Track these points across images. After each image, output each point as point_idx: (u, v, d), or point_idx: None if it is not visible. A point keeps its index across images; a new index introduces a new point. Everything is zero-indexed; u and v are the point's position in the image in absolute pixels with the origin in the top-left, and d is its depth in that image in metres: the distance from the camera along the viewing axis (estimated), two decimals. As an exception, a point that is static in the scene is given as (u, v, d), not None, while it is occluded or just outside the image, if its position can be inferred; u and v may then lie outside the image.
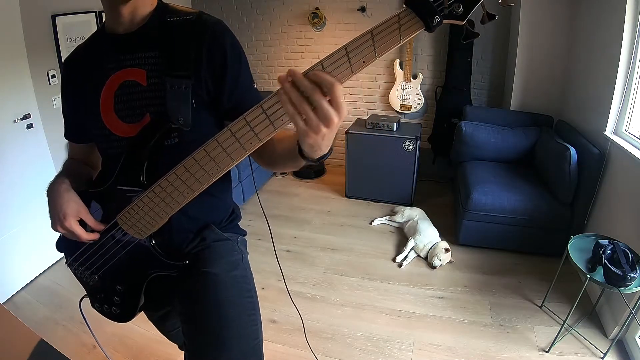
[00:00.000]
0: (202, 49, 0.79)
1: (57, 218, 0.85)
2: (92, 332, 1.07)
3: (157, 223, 0.83)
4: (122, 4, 0.78)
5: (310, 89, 0.55)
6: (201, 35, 0.80)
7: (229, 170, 0.80)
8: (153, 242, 0.87)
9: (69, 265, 0.99)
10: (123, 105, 0.83)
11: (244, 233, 1.07)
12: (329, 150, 0.66)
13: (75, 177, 0.93)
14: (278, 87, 0.60)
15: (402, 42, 0.56)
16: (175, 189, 0.75)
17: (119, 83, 0.82)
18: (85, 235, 0.85)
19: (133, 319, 1.00)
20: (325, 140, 0.60)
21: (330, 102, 0.56)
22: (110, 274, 0.93)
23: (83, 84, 0.87)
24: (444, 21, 0.54)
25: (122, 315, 0.98)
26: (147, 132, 0.81)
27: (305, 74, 0.57)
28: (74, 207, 0.85)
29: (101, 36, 0.87)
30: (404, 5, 0.54)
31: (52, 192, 0.88)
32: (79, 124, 0.95)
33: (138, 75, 0.81)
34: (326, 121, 0.56)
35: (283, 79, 0.57)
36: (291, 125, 0.62)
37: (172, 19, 0.82)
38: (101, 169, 0.96)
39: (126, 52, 0.82)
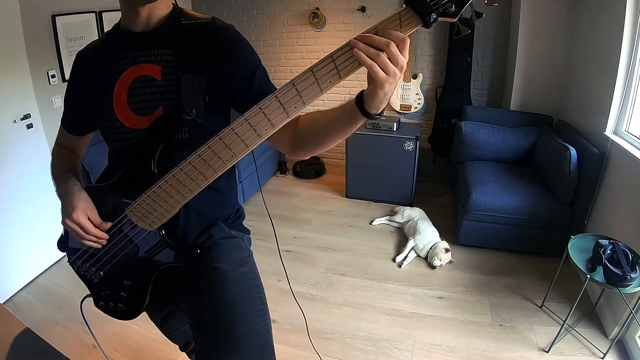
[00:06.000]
0: (216, 50, 0.82)
1: (66, 212, 0.87)
2: (92, 334, 1.07)
3: (169, 213, 0.84)
4: (141, 5, 0.81)
5: (386, 44, 0.61)
6: (214, 38, 0.83)
7: (234, 169, 0.82)
8: (163, 232, 0.88)
9: (71, 263, 1.00)
10: (137, 98, 0.85)
11: (248, 232, 1.08)
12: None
13: (75, 172, 0.97)
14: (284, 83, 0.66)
15: (405, 35, 0.63)
16: (189, 177, 0.78)
17: (134, 77, 0.85)
18: (92, 229, 0.87)
19: (136, 318, 0.99)
20: (393, 87, 0.66)
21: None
22: (117, 269, 0.94)
23: (95, 76, 0.88)
24: (439, 18, 0.61)
25: (129, 311, 0.98)
26: (160, 123, 0.83)
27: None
28: (83, 204, 0.87)
29: (116, 33, 0.89)
30: (404, 5, 0.61)
31: (65, 190, 0.90)
32: (80, 115, 0.97)
33: (153, 70, 0.84)
34: (400, 66, 0.63)
35: (355, 42, 0.63)
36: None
37: (186, 22, 0.85)
38: (110, 162, 0.97)
39: (142, 49, 0.85)
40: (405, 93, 3.48)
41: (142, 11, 0.82)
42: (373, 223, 2.98)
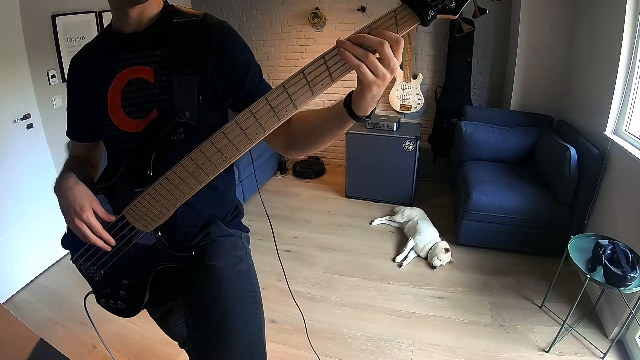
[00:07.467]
0: (208, 48, 0.81)
1: (72, 211, 0.84)
2: (95, 329, 1.08)
3: (164, 215, 0.84)
4: (131, 7, 0.80)
5: (379, 43, 0.58)
6: (207, 36, 0.82)
7: (232, 166, 0.82)
8: (159, 234, 0.88)
9: (74, 261, 1.00)
10: (131, 101, 0.84)
11: (247, 230, 1.08)
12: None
13: (79, 174, 0.94)
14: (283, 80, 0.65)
15: (399, 36, 0.60)
16: (182, 180, 0.78)
17: (127, 80, 0.84)
18: (101, 230, 0.85)
19: (135, 317, 1.00)
20: (382, 90, 0.64)
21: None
22: (117, 268, 0.94)
23: (90, 81, 0.88)
24: (438, 15, 0.57)
25: (128, 309, 0.99)
26: (154, 127, 0.83)
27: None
28: (87, 199, 0.85)
29: (108, 35, 0.89)
30: (400, 1, 0.57)
31: (61, 186, 0.87)
32: (82, 122, 0.96)
33: (146, 72, 0.83)
34: (390, 68, 0.60)
35: (341, 41, 0.60)
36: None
37: (178, 20, 0.84)
38: (107, 165, 0.97)
39: (133, 50, 0.84)
40: (405, 93, 3.48)
41: (132, 12, 0.81)
42: (373, 223, 2.98)
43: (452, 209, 3.10)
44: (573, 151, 2.27)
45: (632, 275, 1.54)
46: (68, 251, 1.01)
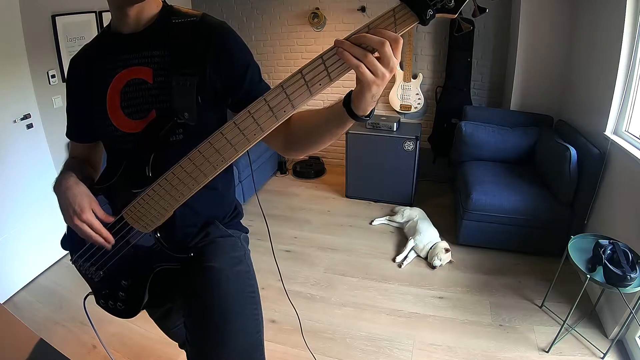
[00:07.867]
0: (207, 49, 0.81)
1: (72, 211, 0.84)
2: (94, 330, 1.08)
3: (162, 216, 0.84)
4: (129, 6, 0.80)
5: (379, 43, 0.58)
6: (206, 36, 0.82)
7: (231, 167, 0.82)
8: (158, 235, 0.88)
9: (73, 262, 1.00)
10: (130, 102, 0.84)
11: (246, 230, 1.08)
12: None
13: (79, 174, 0.94)
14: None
15: (398, 35, 0.59)
16: (180, 181, 0.78)
17: (126, 81, 0.84)
18: (101, 228, 0.85)
19: (135, 317, 1.00)
20: (381, 89, 0.63)
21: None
22: (116, 269, 0.94)
23: (89, 82, 0.88)
24: (437, 15, 0.57)
25: (127, 310, 0.99)
26: (153, 127, 0.83)
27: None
28: (87, 199, 0.85)
29: (107, 36, 0.89)
30: (399, 0, 0.57)
31: (61, 186, 0.88)
32: (82, 122, 0.96)
33: (145, 73, 0.83)
34: (390, 68, 0.60)
35: (340, 41, 0.60)
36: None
37: (176, 21, 0.84)
38: (107, 165, 0.97)
39: (132, 51, 0.84)
40: (405, 93, 3.48)
41: (131, 12, 0.81)
42: (373, 223, 2.98)
43: (452, 209, 3.10)
44: (573, 151, 2.27)
45: (632, 275, 1.54)
46: (68, 252, 1.01)
